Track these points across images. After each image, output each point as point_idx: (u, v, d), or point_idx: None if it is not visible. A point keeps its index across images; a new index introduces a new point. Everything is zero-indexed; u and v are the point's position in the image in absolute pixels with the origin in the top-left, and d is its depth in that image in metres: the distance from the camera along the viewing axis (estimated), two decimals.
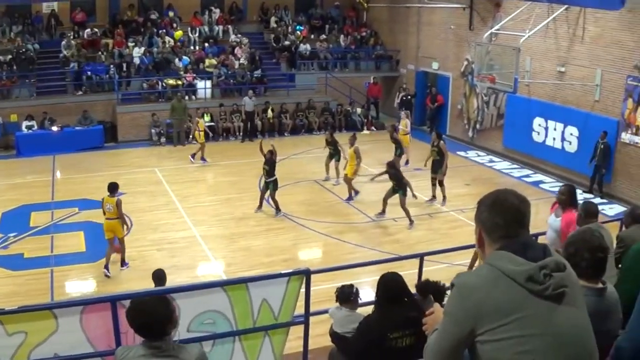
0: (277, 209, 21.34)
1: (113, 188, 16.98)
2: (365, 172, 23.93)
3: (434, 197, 22.83)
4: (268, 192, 21.38)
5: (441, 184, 22.65)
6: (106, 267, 16.89)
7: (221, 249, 18.80)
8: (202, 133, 28.28)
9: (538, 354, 3.21)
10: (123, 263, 17.35)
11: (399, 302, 6.82)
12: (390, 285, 6.89)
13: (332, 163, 24.97)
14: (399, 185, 20.61)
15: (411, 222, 20.66)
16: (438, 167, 22.46)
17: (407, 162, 26.65)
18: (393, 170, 20.84)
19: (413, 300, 7.12)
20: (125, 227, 17.44)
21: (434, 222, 21.35)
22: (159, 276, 12.14)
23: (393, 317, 6.71)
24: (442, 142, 22.65)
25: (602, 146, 22.99)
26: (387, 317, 6.75)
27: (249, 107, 31.85)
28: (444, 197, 22.77)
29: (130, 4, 35.69)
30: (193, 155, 28.10)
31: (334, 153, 24.72)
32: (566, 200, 9.78)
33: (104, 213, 16.95)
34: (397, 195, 20.49)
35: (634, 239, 6.83)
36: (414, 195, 21.96)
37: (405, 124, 27.89)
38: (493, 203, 3.53)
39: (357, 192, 22.99)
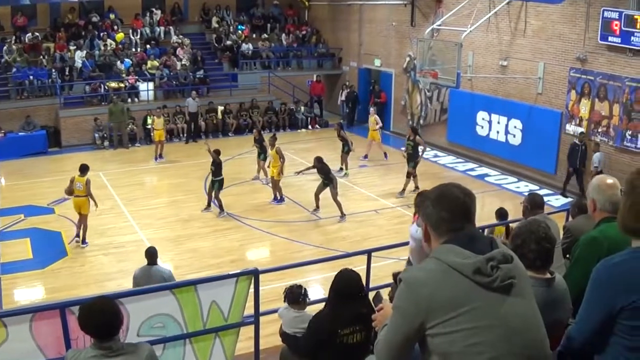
0: (221, 209, 21.32)
1: (84, 169, 18.53)
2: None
3: (417, 187, 22.73)
4: (214, 191, 21.39)
5: (408, 175, 23.06)
6: (83, 241, 18.81)
7: (168, 252, 18.56)
8: (158, 132, 28.65)
9: (488, 346, 3.24)
10: (83, 241, 18.80)
11: (352, 299, 6.83)
12: (348, 282, 6.89)
13: (262, 163, 24.91)
14: (328, 179, 20.80)
15: (342, 215, 20.91)
16: (412, 160, 22.93)
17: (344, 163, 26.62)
18: (320, 165, 20.99)
19: (364, 297, 7.14)
20: (94, 204, 18.68)
21: (380, 218, 21.41)
22: (151, 253, 12.16)
23: (344, 314, 6.74)
24: (417, 137, 23.13)
25: (583, 147, 22.55)
26: (338, 313, 6.77)
27: (192, 108, 31.72)
28: (404, 189, 23.12)
29: (71, 7, 35.23)
30: (156, 158, 28.52)
31: (261, 152, 24.68)
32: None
33: (73, 192, 18.56)
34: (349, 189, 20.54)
35: (581, 229, 6.87)
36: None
37: (374, 120, 28.00)
38: (438, 197, 3.55)
39: (282, 199, 22.75)
